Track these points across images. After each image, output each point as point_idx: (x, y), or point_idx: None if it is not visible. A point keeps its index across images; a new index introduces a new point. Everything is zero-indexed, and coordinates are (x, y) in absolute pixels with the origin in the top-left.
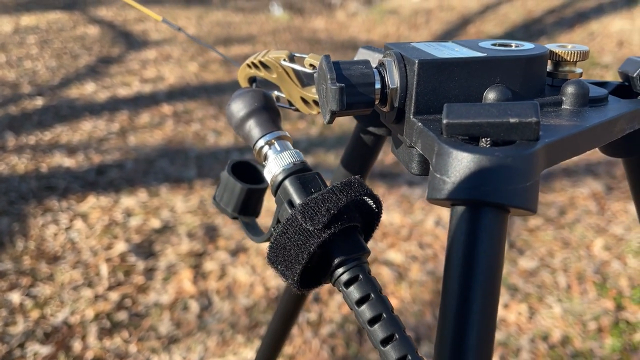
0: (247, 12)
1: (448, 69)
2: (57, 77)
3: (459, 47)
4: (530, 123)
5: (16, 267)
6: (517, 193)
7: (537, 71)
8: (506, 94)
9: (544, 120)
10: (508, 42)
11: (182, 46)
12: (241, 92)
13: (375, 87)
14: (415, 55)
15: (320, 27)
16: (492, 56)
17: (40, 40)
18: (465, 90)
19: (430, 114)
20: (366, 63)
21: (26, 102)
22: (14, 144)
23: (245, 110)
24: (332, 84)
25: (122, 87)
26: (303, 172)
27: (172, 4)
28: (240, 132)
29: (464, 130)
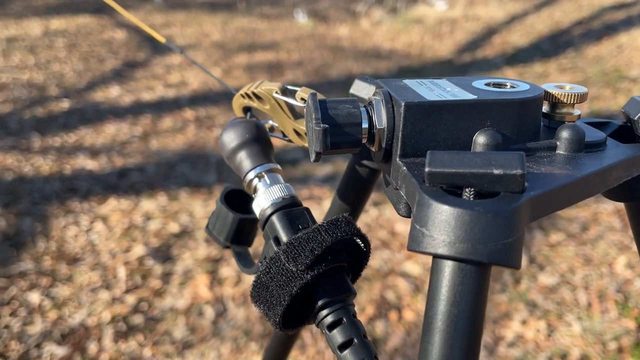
0: (271, 19)
1: (436, 111)
2: (84, 80)
3: (452, 86)
4: (515, 175)
5: (37, 267)
6: (498, 250)
7: (531, 114)
8: (496, 138)
9: (534, 167)
10: (503, 82)
11: (207, 52)
12: (234, 122)
13: (363, 126)
14: (403, 96)
15: (344, 35)
16: (482, 99)
17: (68, 44)
18: (454, 134)
19: (417, 157)
20: (353, 102)
21: (53, 104)
22: (40, 145)
23: (237, 142)
24: (316, 124)
25: (146, 91)
26: (292, 208)
27: (199, 9)
28: (232, 163)
29: (447, 179)
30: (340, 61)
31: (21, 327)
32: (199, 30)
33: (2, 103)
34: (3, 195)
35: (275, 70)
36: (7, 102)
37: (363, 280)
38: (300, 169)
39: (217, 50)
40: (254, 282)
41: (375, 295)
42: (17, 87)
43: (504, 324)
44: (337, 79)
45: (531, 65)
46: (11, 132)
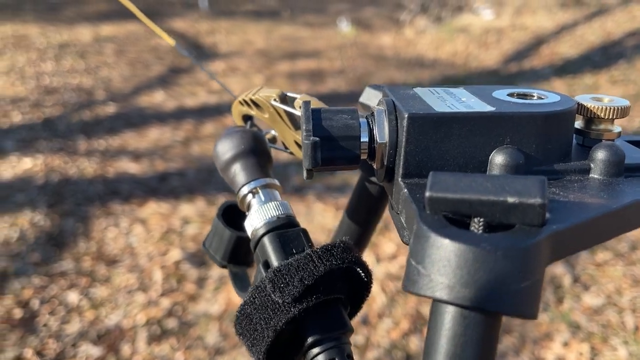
0: (315, 27)
1: (445, 125)
2: (130, 85)
3: (468, 95)
4: (533, 205)
5: (77, 267)
6: (509, 297)
7: (560, 130)
8: (516, 158)
9: (561, 194)
10: (529, 92)
11: (250, 59)
12: (229, 131)
13: (361, 140)
14: (407, 107)
15: (388, 44)
16: (501, 112)
17: (117, 50)
18: (467, 152)
19: (422, 177)
20: (352, 112)
21: (99, 108)
22: (85, 147)
23: (231, 153)
24: (306, 137)
25: (189, 97)
26: (286, 229)
27: (244, 17)
28: (226, 177)
29: (451, 206)
30: (383, 70)
31: (59, 325)
32: (243, 38)
33: (53, 106)
34: (49, 195)
35: (316, 78)
36: (57, 105)
37: (398, 293)
38: (339, 177)
39: (261, 58)
40: (237, 313)
41: (410, 309)
42: (67, 91)
43: (545, 345)
44: None
45: (581, 76)
46: (59, 134)
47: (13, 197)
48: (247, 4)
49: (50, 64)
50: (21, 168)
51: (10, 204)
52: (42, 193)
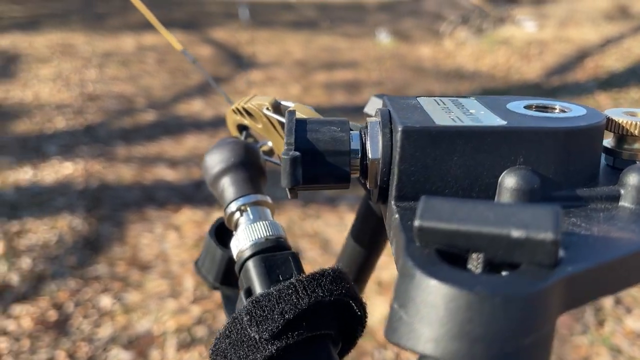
0: (353, 37)
1: (446, 141)
2: (170, 93)
3: (479, 107)
4: (544, 241)
5: (111, 271)
6: (509, 355)
7: (584, 149)
8: (530, 181)
9: (582, 225)
10: (550, 104)
11: (288, 69)
12: (220, 143)
13: (351, 156)
14: (404, 119)
15: (426, 55)
16: (513, 126)
17: (158, 59)
18: (472, 172)
19: (418, 201)
20: (343, 124)
21: (139, 115)
22: (124, 154)
23: (221, 166)
24: (285, 151)
25: (226, 106)
26: (274, 252)
27: (283, 27)
28: (215, 191)
29: (445, 239)
30: (421, 81)
31: (92, 329)
32: (282, 48)
33: (94, 113)
34: (88, 200)
35: (353, 89)
36: (98, 112)
37: None
38: None
39: (298, 68)
40: (212, 347)
41: None
42: (109, 98)
43: None
44: None
45: (627, 90)
46: (100, 140)
47: (54, 200)
48: (286, 14)
49: (94, 72)
50: (62, 173)
51: (51, 207)
52: (81, 197)
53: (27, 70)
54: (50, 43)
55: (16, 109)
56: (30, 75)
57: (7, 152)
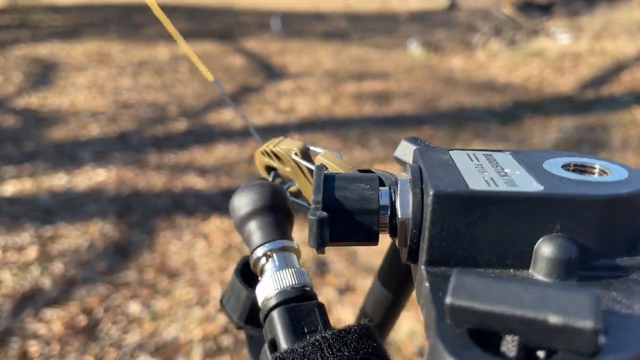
0: (384, 48)
1: (480, 206)
2: (201, 102)
3: (514, 165)
4: (583, 330)
5: (140, 278)
6: None
7: (627, 216)
8: (568, 250)
9: (624, 301)
10: (589, 164)
11: (318, 79)
12: (248, 184)
13: (380, 214)
14: (436, 180)
15: (458, 67)
16: (550, 193)
17: (191, 68)
18: (506, 239)
19: (450, 267)
20: (372, 181)
21: (171, 124)
22: (156, 162)
23: (248, 209)
24: (312, 211)
25: (257, 115)
26: (299, 302)
27: (314, 38)
28: (241, 234)
29: (478, 319)
30: (452, 93)
31: (120, 335)
32: (312, 58)
33: (128, 120)
34: (119, 207)
35: (383, 100)
36: (132, 120)
37: None
38: None
39: (328, 78)
40: None
41: None
42: (142, 106)
43: None
44: (446, 111)
45: None
46: (132, 147)
47: (86, 206)
48: (318, 25)
49: (128, 80)
50: (95, 179)
51: (84, 213)
52: (113, 204)
53: (64, 78)
54: (87, 52)
55: (53, 115)
56: (67, 83)
57: (43, 158)
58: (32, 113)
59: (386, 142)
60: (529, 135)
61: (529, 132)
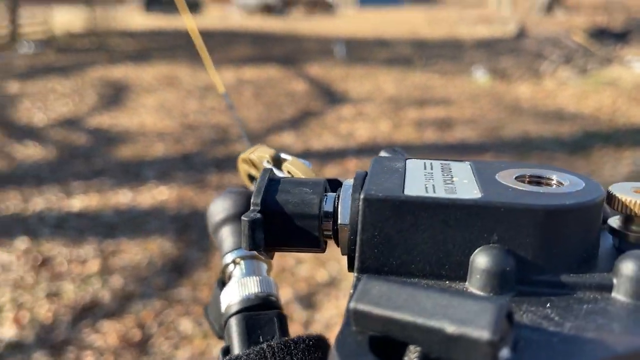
0: (448, 75)
1: (411, 212)
2: (263, 125)
3: (465, 174)
4: (479, 341)
5: (193, 295)
6: None
7: (574, 230)
8: (503, 262)
9: (556, 319)
10: (547, 175)
11: (379, 105)
12: (224, 192)
13: (323, 220)
14: (372, 185)
15: (525, 95)
16: (486, 200)
17: (255, 92)
18: (441, 248)
19: (383, 274)
20: (317, 185)
21: (232, 145)
22: (216, 182)
23: (221, 215)
24: (247, 213)
25: (316, 139)
26: (259, 311)
27: (377, 64)
28: (215, 241)
29: (380, 326)
30: (517, 121)
31: (171, 351)
32: (374, 84)
33: (192, 141)
34: (179, 225)
35: (445, 127)
36: (196, 141)
37: None
38: None
39: (390, 104)
40: None
41: None
42: (206, 128)
43: None
44: (511, 139)
45: None
46: (194, 167)
47: (148, 224)
48: (381, 51)
49: (194, 103)
50: (158, 197)
51: (145, 230)
52: (173, 222)
53: (134, 100)
54: (157, 75)
55: (122, 135)
56: (137, 104)
57: (110, 175)
58: (103, 132)
59: None
60: (599, 166)
61: (599, 163)
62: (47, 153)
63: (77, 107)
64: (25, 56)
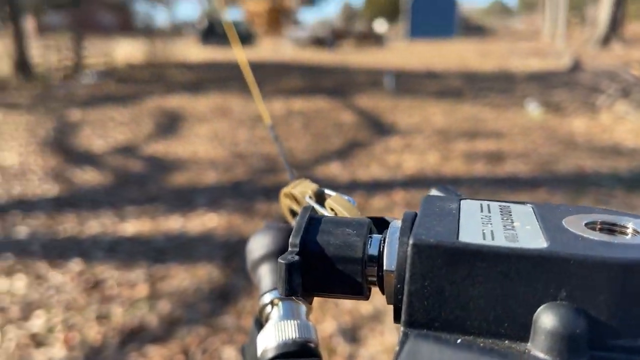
0: (500, 108)
1: (467, 262)
2: (311, 156)
3: (528, 219)
4: None
5: (237, 324)
6: None
7: None
8: (573, 323)
9: None
10: (622, 223)
11: (427, 136)
12: (264, 227)
13: (367, 264)
14: (422, 228)
15: (580, 129)
16: (553, 251)
17: (304, 123)
18: (500, 304)
19: (433, 330)
20: (360, 226)
21: (280, 175)
22: (264, 210)
23: (260, 252)
24: (284, 255)
25: (363, 170)
26: (296, 358)
27: (426, 96)
28: (254, 278)
29: None
30: (572, 156)
31: None
32: (423, 116)
33: (241, 170)
34: (226, 252)
35: (495, 160)
36: (245, 170)
37: None
38: None
39: (438, 136)
40: None
41: None
42: (256, 157)
43: None
44: (564, 174)
45: None
46: (244, 195)
47: (196, 250)
48: (431, 84)
49: (245, 133)
50: (207, 224)
51: (193, 256)
52: (221, 249)
53: (188, 129)
54: (210, 105)
55: (175, 162)
56: (190, 133)
57: (162, 201)
58: (158, 159)
59: None
60: None
61: None
62: (104, 178)
63: (134, 135)
64: (88, 86)
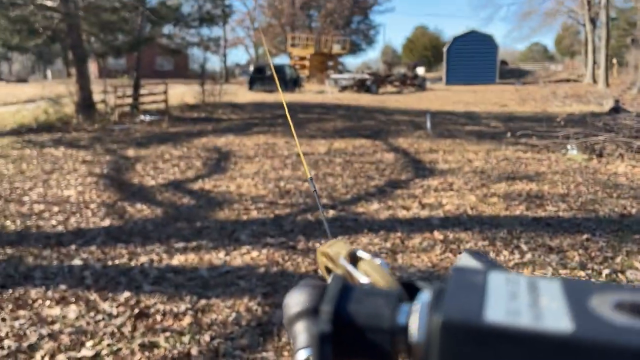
0: (540, 150)
1: (492, 342)
2: (351, 194)
3: (555, 295)
4: None
5: (276, 358)
6: None
7: None
8: None
9: None
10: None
11: (466, 177)
12: (302, 283)
13: (396, 334)
14: (451, 304)
15: (621, 172)
16: (578, 335)
17: (344, 162)
18: None
19: None
20: (391, 297)
21: (320, 212)
22: (303, 246)
23: (297, 309)
24: (318, 322)
25: (401, 209)
26: None
27: (465, 138)
28: (290, 334)
29: None
30: (613, 198)
31: None
32: (461, 157)
33: (284, 206)
34: (266, 286)
35: (534, 202)
36: (287, 206)
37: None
38: None
39: (476, 176)
40: None
41: None
42: (297, 194)
43: None
44: (607, 217)
45: None
46: (284, 231)
47: (238, 282)
48: (471, 125)
49: (288, 170)
50: (249, 258)
51: (234, 289)
52: (262, 283)
53: (235, 166)
54: (256, 144)
55: (221, 198)
56: (236, 170)
57: (207, 235)
58: (205, 195)
59: (538, 246)
60: None
61: None
62: (154, 213)
63: (183, 172)
64: (143, 125)
